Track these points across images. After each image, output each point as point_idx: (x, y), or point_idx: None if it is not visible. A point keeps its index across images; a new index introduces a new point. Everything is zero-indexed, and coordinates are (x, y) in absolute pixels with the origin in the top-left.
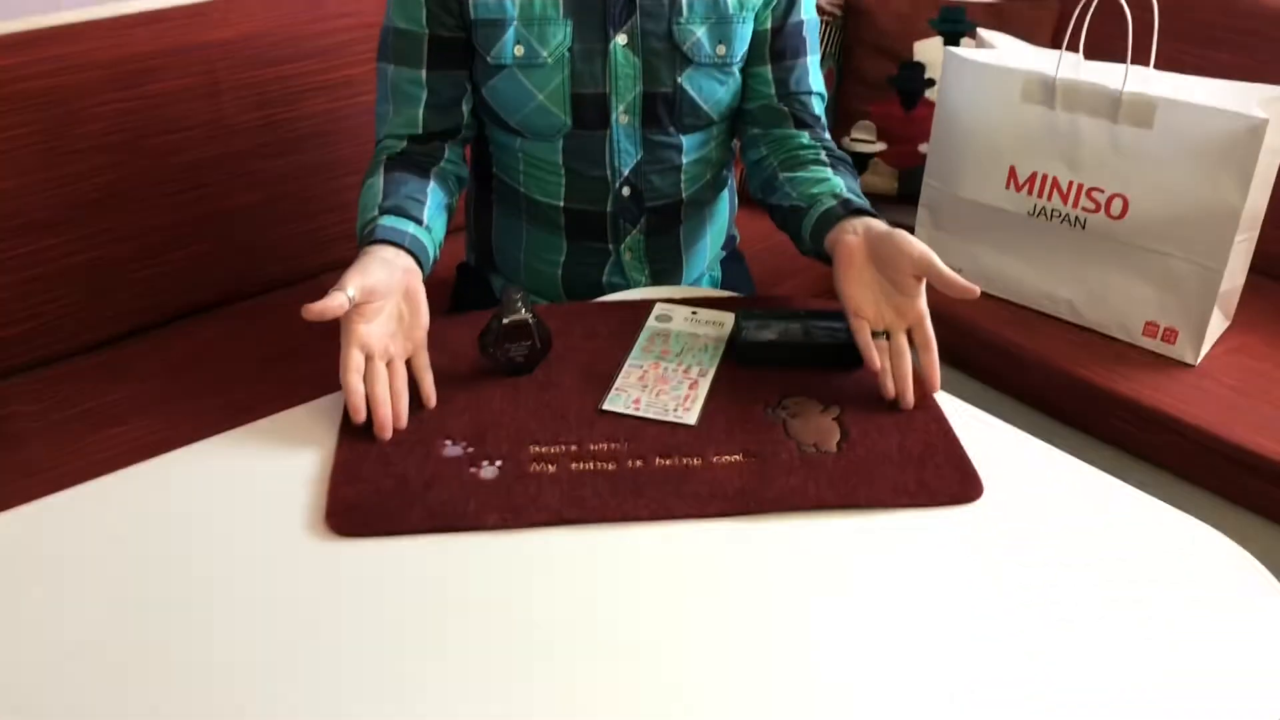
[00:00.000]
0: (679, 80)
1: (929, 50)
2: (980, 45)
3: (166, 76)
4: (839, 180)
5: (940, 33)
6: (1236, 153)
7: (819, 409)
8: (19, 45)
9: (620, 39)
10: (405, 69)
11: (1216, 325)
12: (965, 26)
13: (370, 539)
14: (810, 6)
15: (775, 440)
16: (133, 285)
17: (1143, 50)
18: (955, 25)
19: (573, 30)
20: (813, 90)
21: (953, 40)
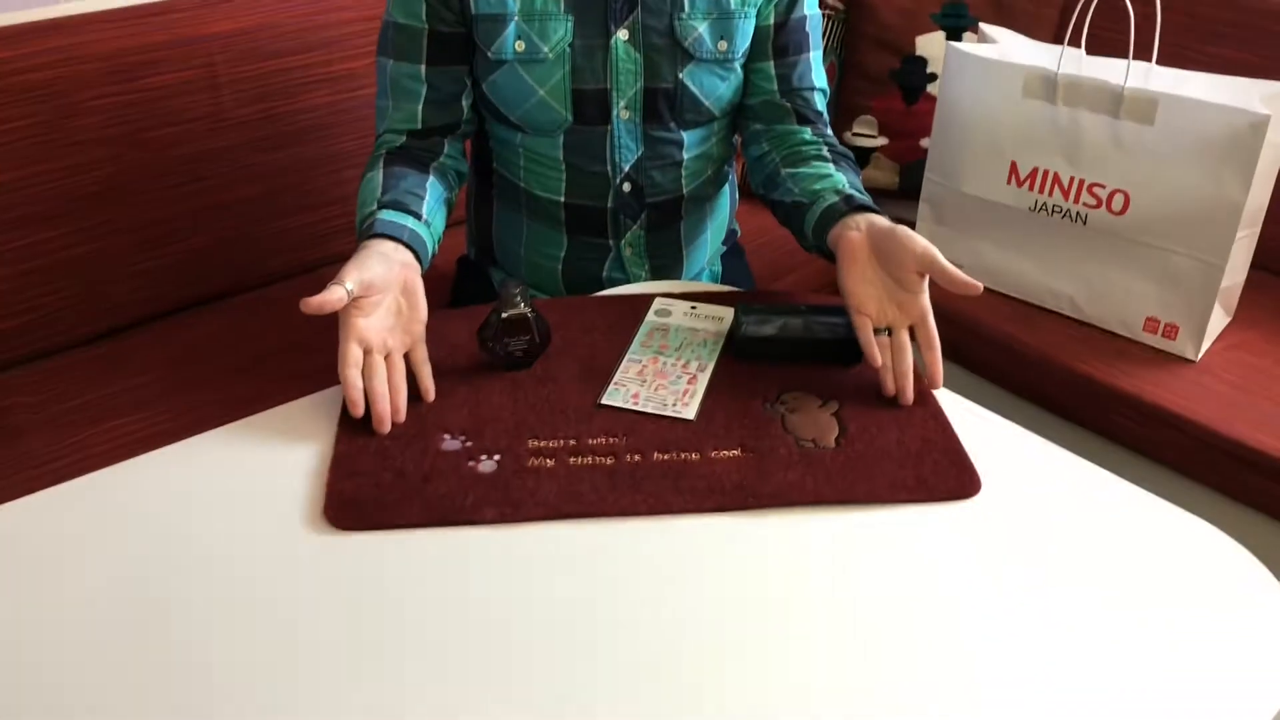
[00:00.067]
0: (680, 76)
1: (931, 45)
2: (982, 40)
3: (166, 69)
4: (841, 176)
5: (942, 27)
6: (1238, 149)
7: (817, 404)
8: (18, 37)
9: (621, 34)
10: (405, 64)
11: (1217, 321)
12: (967, 21)
13: (369, 532)
14: (813, 1)
15: (773, 435)
16: (132, 278)
17: (1145, 46)
18: (957, 20)
19: (574, 25)
20: (815, 86)
21: (955, 35)
